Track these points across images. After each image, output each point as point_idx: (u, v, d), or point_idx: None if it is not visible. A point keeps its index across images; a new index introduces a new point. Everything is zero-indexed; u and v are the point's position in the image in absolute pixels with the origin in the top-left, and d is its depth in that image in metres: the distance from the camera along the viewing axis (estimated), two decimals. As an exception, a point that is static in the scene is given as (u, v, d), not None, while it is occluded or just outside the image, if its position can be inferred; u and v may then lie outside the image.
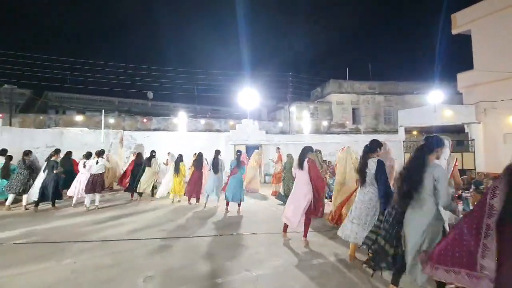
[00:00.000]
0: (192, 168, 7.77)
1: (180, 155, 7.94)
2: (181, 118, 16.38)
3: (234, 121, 18.29)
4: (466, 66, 13.43)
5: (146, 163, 7.98)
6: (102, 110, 12.92)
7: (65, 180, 7.25)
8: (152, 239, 4.49)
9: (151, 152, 8.28)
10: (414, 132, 16.43)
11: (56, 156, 6.87)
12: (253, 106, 14.35)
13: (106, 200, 7.74)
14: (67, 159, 7.71)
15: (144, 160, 8.18)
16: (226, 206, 6.50)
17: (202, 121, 19.43)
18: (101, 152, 6.98)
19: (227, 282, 3.03)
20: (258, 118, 20.14)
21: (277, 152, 9.62)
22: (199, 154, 7.69)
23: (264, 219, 5.90)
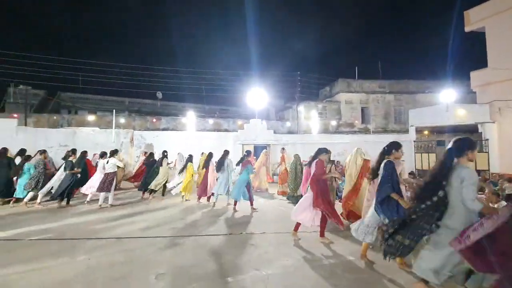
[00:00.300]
0: (200, 168, 7.89)
1: (190, 155, 8.06)
2: (189, 118, 16.54)
3: (242, 120, 18.35)
4: (479, 64, 13.13)
5: (158, 163, 8.15)
6: (113, 110, 13.16)
7: (79, 179, 7.45)
8: (163, 237, 4.56)
9: (163, 152, 8.45)
10: (425, 132, 16.11)
11: (73, 156, 7.12)
12: (261, 106, 14.36)
13: (117, 199, 7.89)
14: (81, 159, 7.94)
15: (158, 160, 8.36)
16: (234, 205, 6.57)
17: (211, 120, 19.57)
18: (114, 151, 7.14)
19: (237, 281, 3.05)
20: (266, 118, 20.15)
21: (281, 152, 9.62)
22: (208, 154, 7.78)
23: (273, 218, 5.90)
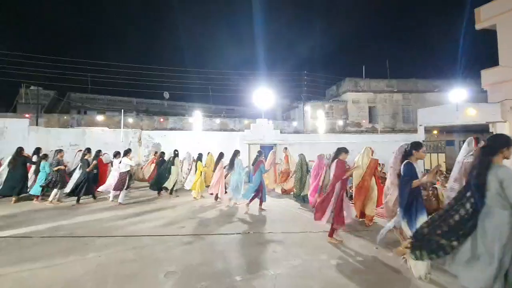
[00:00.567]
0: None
1: (200, 154, 8.15)
2: (196, 117, 16.62)
3: (248, 120, 18.37)
4: (490, 62, 12.86)
5: (170, 162, 8.30)
6: (122, 110, 13.34)
7: (93, 177, 7.63)
8: (172, 235, 4.60)
9: (174, 152, 8.59)
10: (435, 132, 15.85)
11: (89, 155, 7.35)
12: (267, 106, 14.33)
13: (129, 197, 7.99)
14: (96, 158, 8.14)
15: (169, 159, 8.51)
16: (247, 205, 6.61)
17: (217, 120, 19.63)
18: (127, 151, 7.31)
19: (246, 280, 3.06)
20: (272, 118, 20.11)
21: (284, 152, 9.66)
22: (219, 153, 7.90)
23: (281, 218, 5.89)
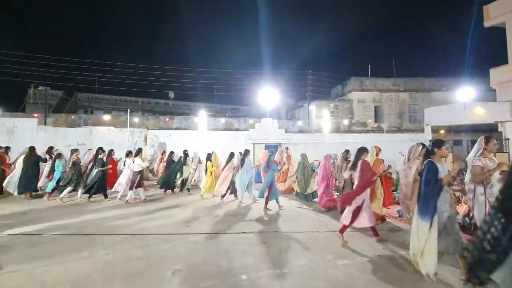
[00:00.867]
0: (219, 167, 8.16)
1: (209, 153, 8.22)
2: (201, 117, 16.70)
3: (253, 120, 18.38)
4: (499, 60, 12.62)
5: (182, 162, 8.45)
6: (128, 110, 13.48)
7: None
8: (177, 234, 4.64)
9: (184, 152, 8.72)
10: (442, 131, 15.65)
11: (103, 155, 7.57)
12: (272, 105, 14.32)
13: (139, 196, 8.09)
14: (109, 156, 8.32)
15: (180, 158, 8.67)
16: (277, 204, 6.67)
17: (222, 120, 19.70)
18: (139, 151, 7.44)
19: (252, 279, 3.07)
20: (277, 117, 20.10)
21: (285, 152, 9.69)
22: (230, 153, 8.08)
23: (286, 217, 5.89)
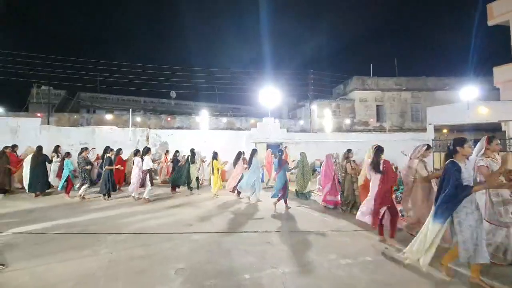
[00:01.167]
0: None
1: (215, 152, 8.29)
2: (203, 116, 16.73)
3: (255, 119, 18.39)
4: (503, 59, 12.57)
5: (190, 161, 8.51)
6: (130, 109, 13.49)
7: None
8: (180, 233, 4.65)
9: (191, 150, 8.77)
10: (444, 131, 15.58)
11: (111, 153, 7.76)
12: (274, 104, 14.31)
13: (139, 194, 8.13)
14: (117, 155, 8.41)
15: (187, 157, 8.72)
16: (285, 204, 6.66)
17: (224, 119, 19.72)
18: (147, 150, 7.47)
19: (255, 278, 3.08)
20: (278, 116, 20.10)
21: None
22: (238, 152, 8.19)
23: (288, 217, 5.89)
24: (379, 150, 4.27)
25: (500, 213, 2.93)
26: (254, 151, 7.60)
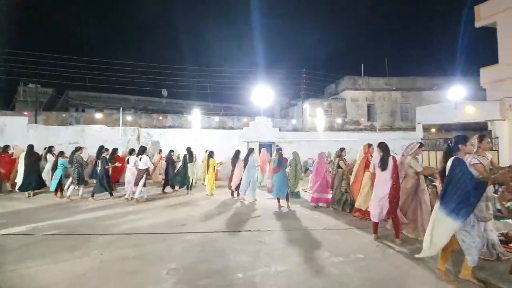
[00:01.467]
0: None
1: (211, 151, 8.27)
2: (195, 115, 16.61)
3: (247, 118, 18.37)
4: (489, 60, 12.92)
5: (187, 160, 8.48)
6: (120, 108, 13.30)
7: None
8: (172, 233, 4.63)
9: (187, 149, 8.76)
10: (433, 130, 15.93)
11: (106, 153, 7.75)
12: (266, 104, 14.36)
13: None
14: (112, 156, 8.28)
15: (185, 156, 8.65)
16: (278, 203, 6.66)
17: (216, 118, 19.63)
18: (143, 149, 7.44)
19: (248, 277, 3.09)
20: (271, 115, 20.12)
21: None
22: (236, 151, 8.20)
23: (281, 215, 5.93)
24: (388, 147, 4.21)
25: (482, 208, 3.01)
26: (251, 150, 7.63)
